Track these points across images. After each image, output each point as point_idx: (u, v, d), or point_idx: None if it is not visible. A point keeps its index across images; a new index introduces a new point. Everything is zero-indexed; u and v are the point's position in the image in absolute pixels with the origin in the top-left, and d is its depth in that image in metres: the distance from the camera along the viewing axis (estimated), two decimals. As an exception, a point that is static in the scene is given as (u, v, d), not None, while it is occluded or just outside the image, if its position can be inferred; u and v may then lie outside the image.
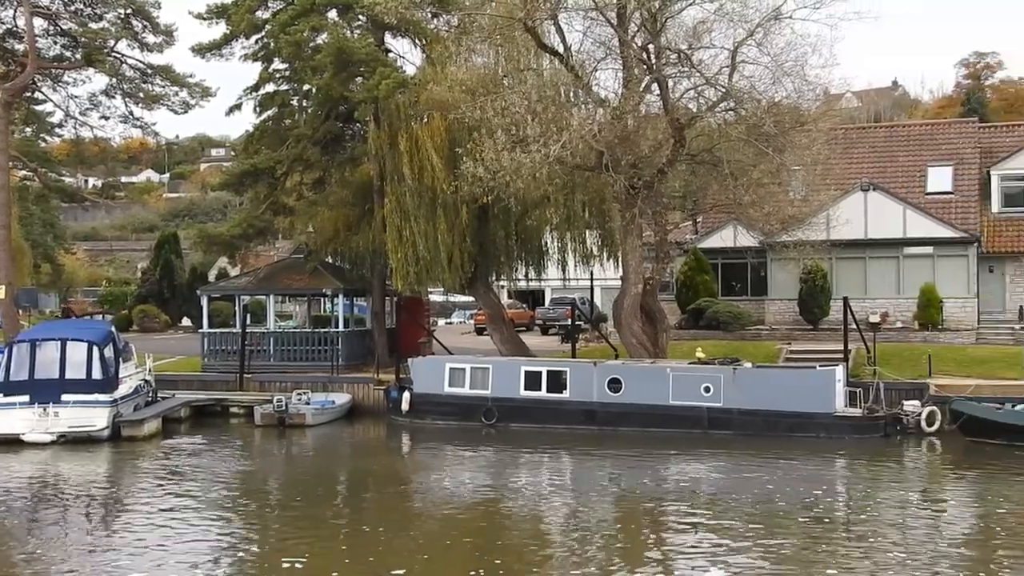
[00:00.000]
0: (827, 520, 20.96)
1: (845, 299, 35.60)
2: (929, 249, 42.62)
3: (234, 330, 42.00)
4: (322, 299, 49.87)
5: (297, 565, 17.01)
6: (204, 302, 43.04)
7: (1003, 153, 46.95)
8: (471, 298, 46.95)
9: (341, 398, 36.84)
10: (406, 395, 34.77)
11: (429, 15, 40.52)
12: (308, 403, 35.21)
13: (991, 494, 23.44)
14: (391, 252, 36.49)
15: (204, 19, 40.78)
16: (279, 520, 21.40)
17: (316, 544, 18.54)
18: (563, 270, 41.74)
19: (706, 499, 22.91)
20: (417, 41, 40.10)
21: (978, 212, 44.63)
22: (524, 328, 53.98)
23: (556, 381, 33.20)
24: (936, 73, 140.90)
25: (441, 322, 65.02)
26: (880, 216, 42.63)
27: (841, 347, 34.60)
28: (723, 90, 32.59)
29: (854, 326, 34.91)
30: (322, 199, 41.16)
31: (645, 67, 33.10)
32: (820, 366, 32.25)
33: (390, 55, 40.38)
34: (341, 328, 41.26)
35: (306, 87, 40.82)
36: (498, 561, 17.41)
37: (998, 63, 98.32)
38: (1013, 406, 29.55)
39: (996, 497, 22.99)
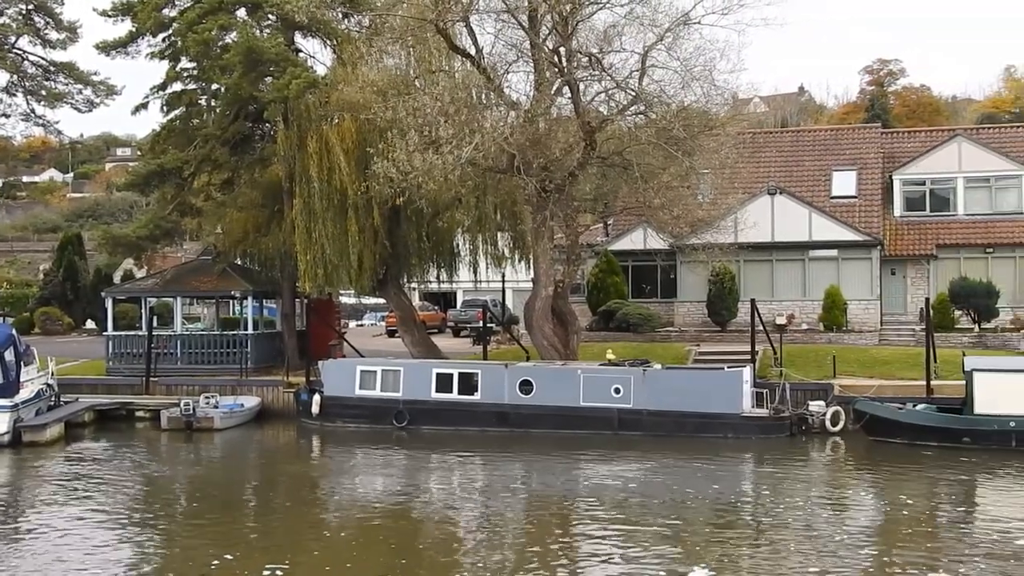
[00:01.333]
0: (735, 519, 21.26)
1: (752, 301, 36.14)
2: (834, 252, 43.48)
3: (140, 333, 41.20)
4: (231, 301, 49.22)
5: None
6: (109, 304, 42.14)
7: (905, 158, 48.12)
8: (382, 300, 46.68)
9: (250, 401, 36.37)
10: (316, 398, 34.46)
11: (340, 15, 40.22)
12: (216, 407, 34.72)
13: (892, 491, 24.00)
14: (300, 254, 36.08)
15: (109, 16, 39.99)
16: (186, 528, 21.03)
17: (225, 552, 18.23)
18: (475, 272, 41.73)
19: (616, 500, 23.04)
20: (328, 41, 39.79)
21: (881, 216, 45.64)
22: (436, 330, 53.86)
23: (467, 383, 33.18)
24: (841, 79, 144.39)
25: (352, 324, 64.58)
26: (786, 219, 43.37)
27: (748, 348, 35.11)
28: (633, 94, 32.90)
29: (761, 328, 35.45)
30: (231, 200, 40.59)
31: (556, 70, 33.26)
32: (728, 367, 32.68)
33: (300, 55, 40.01)
34: (250, 330, 40.72)
35: (214, 86, 40.23)
36: (411, 565, 17.33)
37: (901, 70, 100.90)
38: (914, 406, 30.31)
39: (897, 494, 23.56)
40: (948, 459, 27.05)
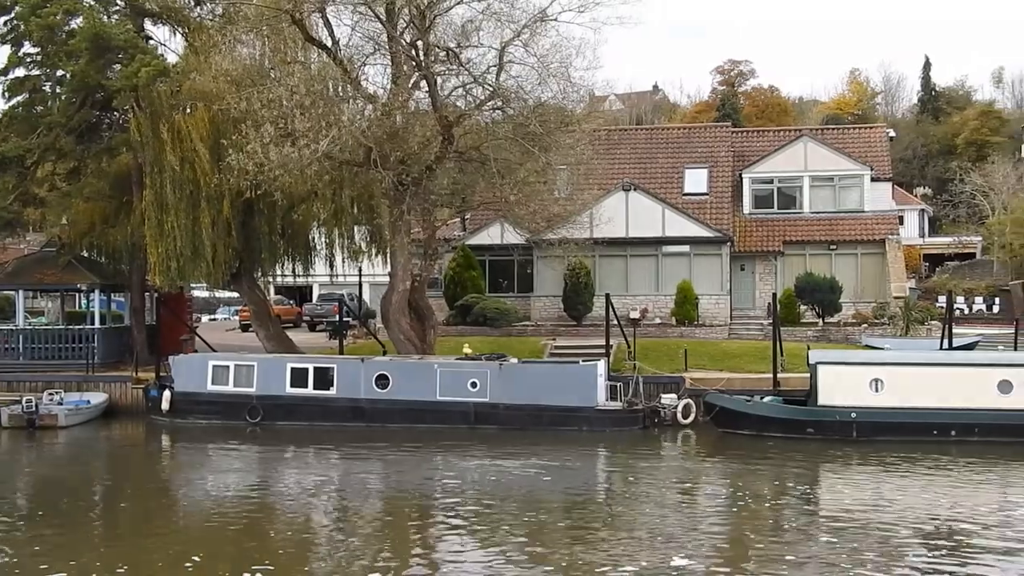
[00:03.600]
0: (589, 511, 21.56)
1: (607, 296, 36.67)
2: (686, 248, 44.45)
3: (-21, 327, 39.55)
4: (77, 295, 47.59)
5: (46, 577, 16.18)
6: (-55, 298, 40.35)
7: (754, 157, 49.52)
8: (236, 294, 45.83)
9: (97, 398, 35.29)
10: (167, 394, 33.67)
11: (192, 2, 39.28)
12: (61, 403, 33.59)
13: (741, 481, 24.70)
14: (151, 246, 35.09)
15: (-55, -3, 38.16)
16: (28, 530, 20.17)
17: (69, 556, 17.63)
18: (331, 266, 41.34)
19: (473, 494, 23.11)
20: (179, 29, 38.80)
21: (731, 213, 46.87)
22: (291, 325, 53.13)
23: (323, 378, 32.86)
24: (694, 79, 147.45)
25: (204, 319, 63.20)
26: (640, 215, 44.16)
27: (603, 342, 35.61)
28: (491, 89, 33.06)
29: (616, 322, 35.99)
30: (77, 190, 39.19)
31: (414, 64, 33.15)
32: (583, 361, 33.10)
33: (151, 42, 38.91)
34: (97, 325, 39.41)
35: (60, 73, 38.73)
36: (262, 565, 17.05)
37: (751, 71, 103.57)
38: (761, 398, 31.26)
39: (745, 484, 24.29)
40: (793, 449, 28.00)
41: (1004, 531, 19.23)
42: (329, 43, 33.27)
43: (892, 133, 58.40)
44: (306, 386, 32.85)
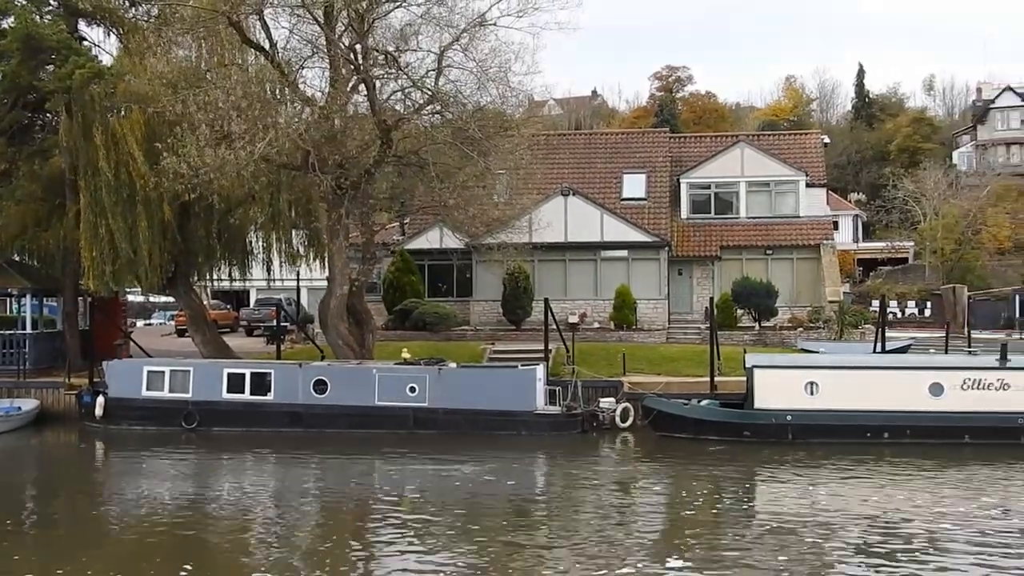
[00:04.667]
0: (529, 516, 21.61)
1: (546, 300, 36.72)
2: (624, 252, 44.69)
3: (-95, 333, 38.65)
4: (8, 299, 46.71)
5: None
6: None
7: (691, 162, 49.92)
8: (172, 299, 45.29)
9: (28, 404, 34.63)
10: (100, 400, 33.16)
11: (127, 3, 38.77)
12: (-10, 410, 32.95)
13: (678, 484, 24.91)
14: (85, 250, 34.57)
15: None
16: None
17: (-3, 563, 17.32)
18: (268, 270, 41.03)
19: (412, 500, 23.07)
20: (114, 30, 38.28)
21: (669, 218, 47.19)
22: (228, 329, 52.65)
23: (260, 383, 32.56)
24: (632, 84, 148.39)
25: (140, 323, 62.39)
26: (579, 220, 44.32)
27: (542, 347, 35.66)
28: (430, 93, 33.00)
29: (554, 326, 36.06)
30: (8, 193, 38.47)
31: (352, 67, 33.00)
32: (522, 365, 33.13)
33: (84, 43, 38.34)
34: (29, 330, 38.73)
35: (-10, 73, 38.06)
36: (202, 573, 16.85)
37: (688, 77, 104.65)
38: (698, 402, 31.47)
39: (683, 486, 24.48)
40: (730, 452, 28.27)
41: (936, 531, 19.54)
42: (266, 45, 33.03)
43: (827, 139, 59.17)
44: (243, 392, 32.53)
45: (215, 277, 41.54)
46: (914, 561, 17.35)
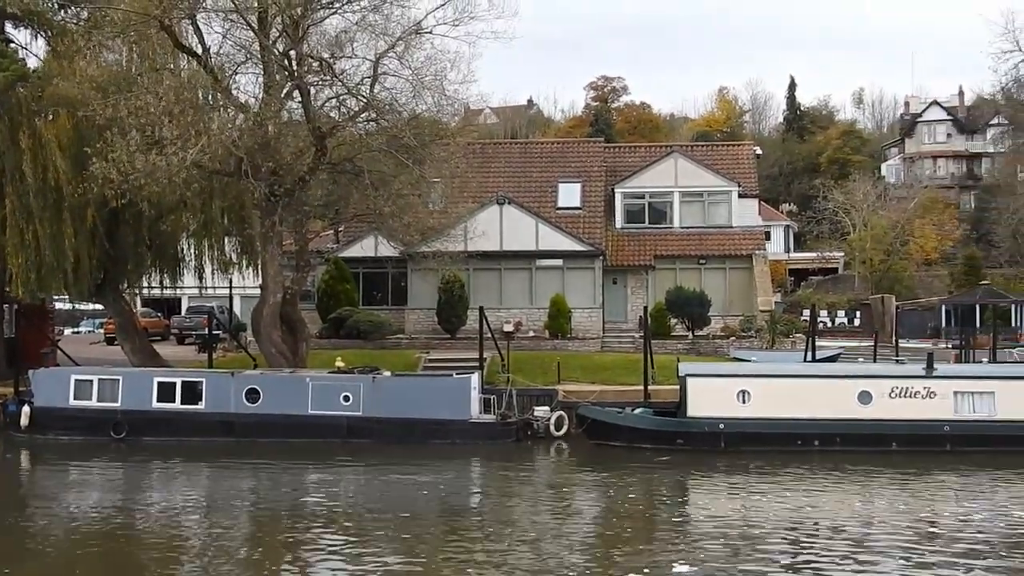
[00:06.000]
0: (464, 526, 21.55)
1: (481, 309, 36.68)
2: (559, 261, 44.83)
3: None
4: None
5: None
6: None
7: (626, 172, 50.22)
8: (101, 306, 44.57)
9: (-50, 414, 33.85)
10: (26, 409, 32.44)
11: (56, 6, 38.16)
12: (-89, 421, 32.14)
13: (612, 492, 25.04)
14: (11, 256, 33.90)
15: None
16: None
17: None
18: (200, 278, 40.61)
19: (345, 510, 22.90)
20: (41, 32, 37.64)
21: (604, 227, 47.44)
22: (159, 338, 51.88)
23: (191, 392, 32.11)
24: (568, 94, 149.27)
25: (67, 331, 61.33)
26: (515, 229, 44.40)
27: (477, 355, 35.61)
28: (365, 100, 32.90)
29: (489, 335, 36.04)
30: (-69, 197, 37.63)
31: (287, 73, 32.80)
32: (457, 374, 33.07)
33: (11, 46, 37.64)
34: (-49, 338, 37.93)
35: (-88, 75, 37.19)
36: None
37: (623, 87, 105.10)
38: (632, 410, 31.63)
39: (617, 494, 24.66)
40: (663, 460, 28.42)
41: (864, 537, 19.85)
42: (199, 50, 32.68)
43: (759, 151, 59.85)
44: (174, 401, 32.06)
45: (145, 284, 41.05)
46: (841, 567, 17.58)
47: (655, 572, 17.21)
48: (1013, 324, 53.21)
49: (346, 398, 31.43)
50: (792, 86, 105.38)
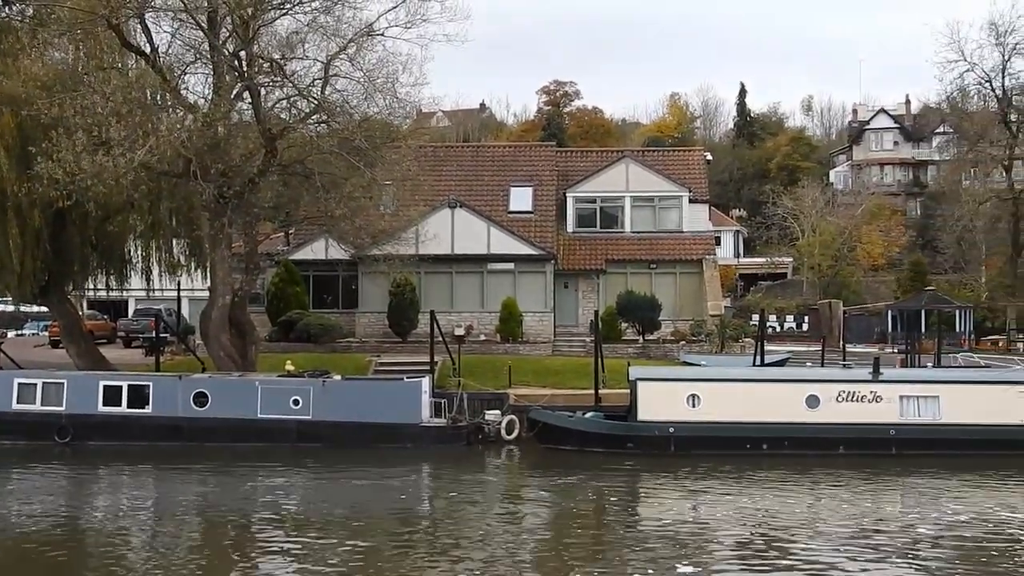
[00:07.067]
0: (414, 530, 21.44)
1: (432, 312, 36.55)
2: (511, 265, 44.84)
3: None
4: None
5: None
6: None
7: (578, 177, 50.37)
8: (46, 309, 43.93)
9: None
10: (-33, 414, 31.89)
11: (0, 2, 37.55)
12: None
13: (563, 496, 25.03)
14: (-47, 258, 33.33)
15: None
16: None
17: None
18: (148, 280, 40.15)
19: (295, 515, 22.73)
20: (-16, 30, 36.98)
21: (555, 231, 47.52)
22: (105, 341, 51.19)
23: (138, 396, 31.70)
24: (520, 98, 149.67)
25: (11, 334, 60.36)
26: (466, 232, 44.34)
27: (428, 359, 35.49)
28: (316, 102, 32.69)
29: (440, 338, 35.95)
30: None
31: (237, 74, 32.49)
32: (407, 378, 32.93)
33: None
34: None
35: None
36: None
37: (576, 92, 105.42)
38: (583, 414, 31.67)
39: (567, 498, 24.68)
40: (614, 464, 28.47)
41: (810, 538, 20.02)
42: (148, 50, 32.30)
43: (709, 156, 60.34)
44: (120, 404, 31.64)
45: (92, 286, 40.52)
46: (789, 568, 17.71)
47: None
48: (957, 329, 53.98)
49: (296, 402, 31.19)
50: (742, 93, 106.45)
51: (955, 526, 21.62)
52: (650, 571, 17.49)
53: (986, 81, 56.21)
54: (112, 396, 31.73)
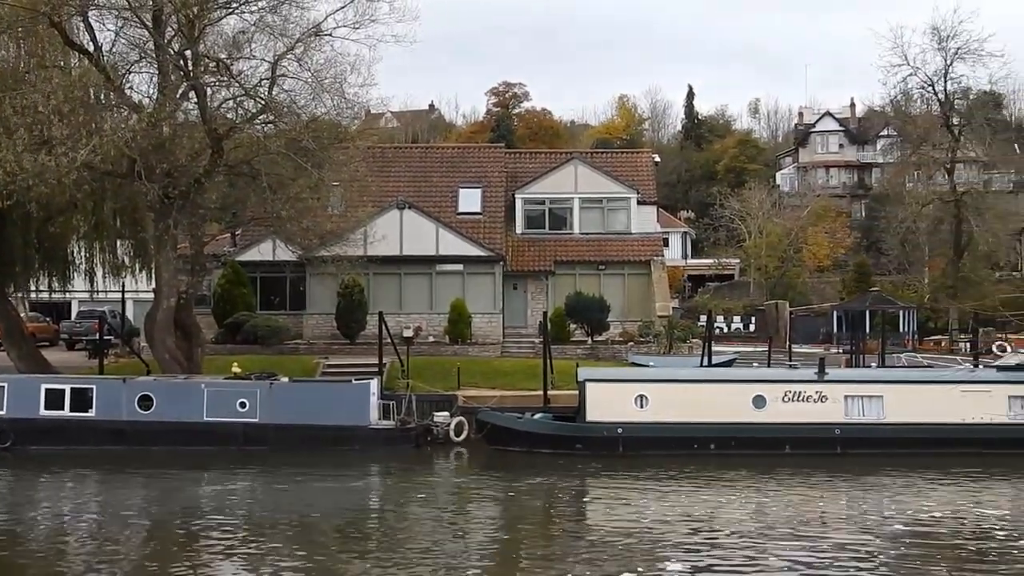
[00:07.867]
0: (361, 532, 21.35)
1: (380, 314, 36.41)
2: (460, 267, 44.79)
3: None
4: None
5: None
6: None
7: (527, 178, 50.43)
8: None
9: None
10: (-96, 418, 31.26)
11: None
12: None
13: (512, 497, 25.07)
14: None
15: None
16: None
17: None
18: (91, 281, 39.66)
19: (242, 520, 22.54)
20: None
21: (504, 232, 47.54)
22: (47, 343, 50.49)
23: (81, 399, 31.24)
24: (469, 99, 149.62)
25: (-49, 336, 59.29)
26: (415, 233, 44.23)
27: (376, 361, 35.34)
28: (263, 102, 32.43)
29: (389, 340, 35.82)
30: None
31: (182, 73, 32.16)
32: (356, 380, 32.77)
33: None
34: None
35: None
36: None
37: (524, 93, 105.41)
38: (532, 415, 31.69)
39: (515, 500, 24.73)
40: (562, 465, 28.56)
41: (757, 537, 20.16)
42: (91, 48, 31.87)
43: (658, 158, 60.67)
44: (63, 408, 31.14)
45: (33, 288, 39.95)
46: (737, 567, 17.84)
47: (553, 577, 17.25)
48: (901, 330, 54.63)
49: (242, 404, 30.91)
50: (690, 95, 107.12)
51: (896, 523, 21.93)
52: (599, 572, 17.52)
53: (929, 85, 56.84)
54: (54, 399, 31.23)
